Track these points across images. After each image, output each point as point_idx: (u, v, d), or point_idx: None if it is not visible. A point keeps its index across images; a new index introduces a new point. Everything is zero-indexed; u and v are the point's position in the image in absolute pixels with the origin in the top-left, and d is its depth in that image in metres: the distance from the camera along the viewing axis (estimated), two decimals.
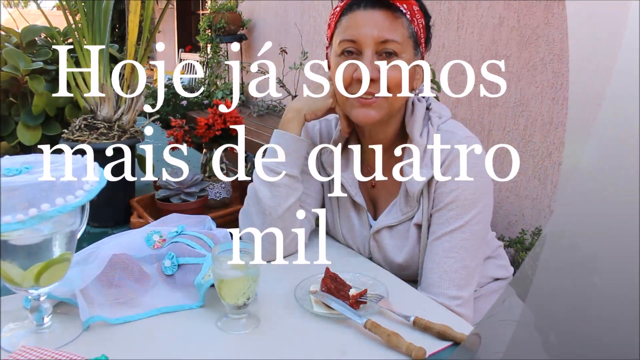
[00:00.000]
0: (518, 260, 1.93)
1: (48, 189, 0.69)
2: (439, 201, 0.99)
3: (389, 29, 0.96)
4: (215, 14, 5.20)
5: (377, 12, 0.96)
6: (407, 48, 0.99)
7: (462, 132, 1.03)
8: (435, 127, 1.03)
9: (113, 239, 0.97)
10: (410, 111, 1.05)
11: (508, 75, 2.37)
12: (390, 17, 0.96)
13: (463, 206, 0.98)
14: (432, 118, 1.04)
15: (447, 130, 1.02)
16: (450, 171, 0.98)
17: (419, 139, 1.01)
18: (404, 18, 0.97)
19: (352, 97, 1.00)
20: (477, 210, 0.98)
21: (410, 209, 1.03)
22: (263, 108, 4.69)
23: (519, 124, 2.32)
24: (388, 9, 0.96)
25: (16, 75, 1.32)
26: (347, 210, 1.12)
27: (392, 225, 1.05)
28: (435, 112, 1.06)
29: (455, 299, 0.96)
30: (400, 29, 0.97)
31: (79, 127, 1.23)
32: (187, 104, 5.14)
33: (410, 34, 0.98)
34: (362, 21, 0.97)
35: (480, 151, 1.01)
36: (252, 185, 1.06)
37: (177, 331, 0.81)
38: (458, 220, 0.98)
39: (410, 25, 0.98)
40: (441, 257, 0.97)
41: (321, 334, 0.81)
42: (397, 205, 1.05)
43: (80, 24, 1.22)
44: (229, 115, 1.31)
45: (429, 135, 1.02)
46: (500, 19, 2.40)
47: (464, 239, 0.97)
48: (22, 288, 0.75)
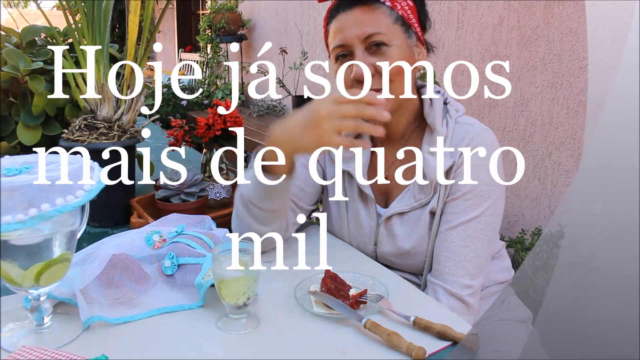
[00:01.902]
0: (518, 260, 1.93)
1: (48, 189, 0.69)
2: (456, 190, 1.01)
3: (369, 23, 0.98)
4: (215, 14, 5.20)
5: (356, 11, 0.99)
6: (396, 34, 1.00)
7: (479, 125, 1.06)
8: (454, 119, 1.06)
9: (113, 239, 0.97)
10: (429, 104, 1.08)
11: (508, 75, 2.37)
12: (368, 11, 0.99)
13: (479, 196, 1.00)
14: (450, 111, 1.07)
15: (465, 123, 1.05)
16: (467, 161, 1.01)
17: (440, 129, 1.04)
18: (384, 6, 0.99)
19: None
20: (491, 201, 1.00)
21: (424, 196, 1.04)
22: (263, 108, 4.69)
23: (519, 124, 2.32)
24: (364, 4, 0.99)
25: (16, 75, 1.32)
26: (354, 201, 1.13)
27: (403, 212, 1.06)
28: (452, 105, 1.09)
29: (468, 287, 0.97)
30: (382, 18, 0.99)
31: (79, 127, 1.23)
32: (187, 104, 5.15)
33: (395, 19, 1.00)
34: (344, 23, 1.00)
35: (496, 144, 1.04)
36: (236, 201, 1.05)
37: (177, 331, 0.81)
38: (474, 210, 0.99)
39: (392, 11, 1.00)
40: (457, 246, 0.99)
41: (321, 334, 0.81)
42: (411, 192, 1.06)
43: (80, 24, 1.22)
44: (229, 116, 1.31)
45: (448, 126, 1.05)
46: (500, 19, 2.40)
47: (478, 229, 0.99)
48: (22, 288, 0.75)
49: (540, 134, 2.24)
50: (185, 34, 7.78)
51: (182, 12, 7.72)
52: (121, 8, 1.83)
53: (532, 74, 2.27)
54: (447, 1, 2.67)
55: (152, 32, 1.31)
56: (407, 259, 1.06)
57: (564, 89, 2.14)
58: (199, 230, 1.00)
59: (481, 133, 1.03)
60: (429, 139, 1.06)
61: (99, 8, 1.22)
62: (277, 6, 4.72)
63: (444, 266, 0.99)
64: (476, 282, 0.98)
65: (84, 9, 1.22)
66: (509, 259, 1.24)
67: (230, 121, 1.31)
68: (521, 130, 2.32)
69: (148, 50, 1.30)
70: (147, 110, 1.30)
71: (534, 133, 2.27)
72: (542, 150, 2.25)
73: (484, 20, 2.47)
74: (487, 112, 2.46)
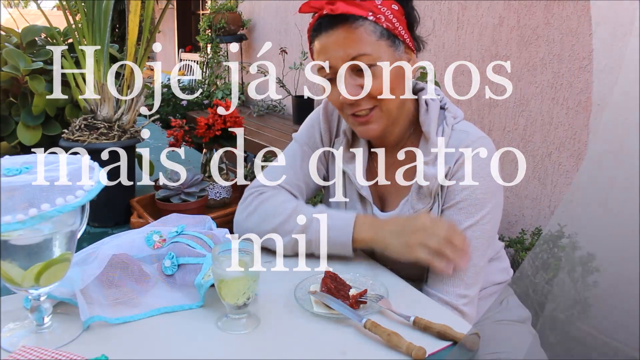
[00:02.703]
0: (518, 260, 1.93)
1: (48, 189, 0.69)
2: (450, 198, 1.00)
3: (352, 44, 0.94)
4: (215, 14, 5.20)
5: (338, 31, 0.95)
6: (381, 51, 0.96)
7: (476, 132, 1.04)
8: (450, 126, 1.04)
9: (113, 239, 0.97)
10: (424, 110, 1.05)
11: (508, 76, 2.37)
12: (350, 30, 0.94)
13: (474, 205, 0.98)
14: (447, 118, 1.05)
15: (462, 130, 1.03)
16: (462, 169, 0.99)
17: (435, 138, 1.02)
18: (366, 22, 0.94)
19: (350, 116, 1.01)
20: (487, 210, 0.99)
21: (423, 206, 1.03)
22: (263, 108, 4.69)
23: (519, 124, 2.32)
24: (345, 23, 0.94)
25: (16, 75, 1.32)
26: (353, 202, 1.13)
27: None
28: (450, 112, 1.06)
29: (463, 297, 0.96)
30: (365, 37, 0.94)
31: (79, 127, 1.23)
32: (187, 104, 5.15)
33: (379, 34, 0.96)
34: (327, 45, 0.96)
35: (494, 152, 1.02)
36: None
37: (177, 331, 0.81)
38: (469, 219, 0.98)
39: (376, 26, 0.95)
40: None
41: (321, 334, 0.81)
42: (409, 202, 1.05)
43: (80, 24, 1.22)
44: (229, 116, 1.31)
45: (444, 134, 1.03)
46: (500, 19, 2.40)
47: (474, 237, 0.98)
48: (22, 288, 0.75)
49: (540, 134, 2.24)
50: (185, 34, 7.78)
51: (182, 12, 7.72)
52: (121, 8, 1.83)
53: (532, 74, 2.27)
54: (447, 1, 2.67)
55: (152, 32, 1.31)
56: (404, 265, 1.06)
57: (564, 89, 2.14)
58: (199, 230, 1.00)
59: (477, 141, 1.01)
60: (423, 147, 1.04)
61: (99, 8, 1.22)
62: (277, 6, 4.72)
63: (439, 275, 0.97)
64: (472, 291, 0.97)
65: (84, 9, 1.22)
66: (508, 260, 1.24)
67: (230, 121, 1.31)
68: (521, 130, 2.32)
69: (148, 50, 1.30)
70: (146, 111, 1.29)
71: (534, 133, 2.27)
72: (542, 150, 2.25)
73: (484, 21, 2.47)
74: (487, 112, 2.46)
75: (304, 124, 1.20)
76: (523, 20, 2.29)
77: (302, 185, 1.14)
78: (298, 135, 1.18)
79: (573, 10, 2.08)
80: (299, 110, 4.08)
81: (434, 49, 2.75)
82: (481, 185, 0.98)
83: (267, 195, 1.09)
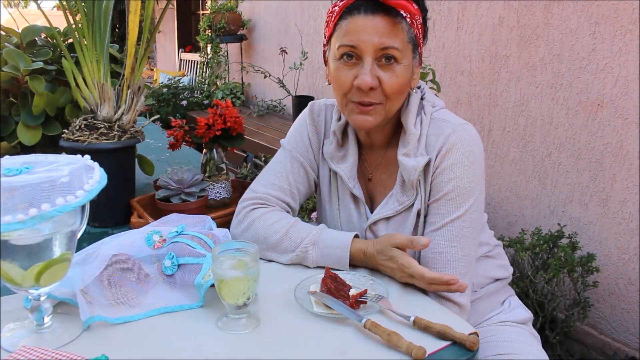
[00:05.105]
0: (518, 260, 1.93)
1: (48, 189, 0.69)
2: (437, 191, 1.00)
3: (389, 35, 0.95)
4: (215, 14, 5.19)
5: (378, 18, 0.95)
6: (407, 53, 0.98)
7: (455, 119, 1.04)
8: (429, 115, 1.04)
9: (113, 239, 0.97)
10: (405, 105, 1.06)
11: (508, 75, 2.37)
12: (390, 22, 0.95)
13: (461, 195, 0.99)
14: (426, 107, 1.05)
15: (440, 119, 1.03)
16: (447, 159, 0.99)
17: (412, 129, 1.02)
18: (404, 22, 0.96)
19: (352, 103, 1.01)
20: (474, 198, 1.00)
21: (407, 199, 1.04)
22: (263, 108, 4.69)
23: (519, 124, 2.32)
24: (388, 14, 0.95)
25: (16, 75, 1.32)
26: (346, 202, 1.13)
27: (389, 217, 1.06)
28: (428, 101, 1.06)
29: None
30: (401, 34, 0.96)
31: (79, 127, 1.23)
32: (187, 104, 5.15)
33: (409, 38, 0.98)
34: (362, 27, 0.95)
35: (475, 138, 1.02)
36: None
37: (177, 331, 0.81)
38: (458, 210, 0.99)
39: (410, 30, 0.98)
40: (444, 247, 0.98)
41: (321, 334, 0.81)
42: (394, 196, 1.06)
43: (80, 24, 1.22)
44: (229, 116, 1.31)
45: (422, 124, 1.03)
46: (500, 19, 2.39)
47: (464, 227, 0.99)
48: (22, 288, 0.75)
49: (540, 134, 2.24)
50: (185, 34, 7.77)
51: (182, 12, 7.71)
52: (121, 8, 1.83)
53: (532, 74, 2.27)
54: (447, 1, 2.67)
55: (152, 32, 1.31)
56: None
57: (564, 89, 2.13)
58: (199, 230, 1.00)
59: (457, 129, 1.00)
60: (403, 140, 1.05)
61: (99, 8, 1.22)
62: (277, 6, 4.72)
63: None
64: (465, 280, 0.98)
65: (84, 9, 1.22)
66: (506, 257, 1.24)
67: (230, 121, 1.31)
68: (521, 130, 2.31)
69: (148, 50, 1.30)
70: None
71: (534, 133, 2.27)
72: (542, 150, 2.24)
73: (484, 20, 2.47)
74: (487, 112, 2.45)
75: (291, 130, 1.20)
76: (523, 20, 2.29)
77: (295, 191, 1.14)
78: (286, 141, 1.18)
79: (573, 10, 2.08)
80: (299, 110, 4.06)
81: (434, 49, 2.75)
82: (467, 174, 0.99)
83: (260, 213, 1.08)
